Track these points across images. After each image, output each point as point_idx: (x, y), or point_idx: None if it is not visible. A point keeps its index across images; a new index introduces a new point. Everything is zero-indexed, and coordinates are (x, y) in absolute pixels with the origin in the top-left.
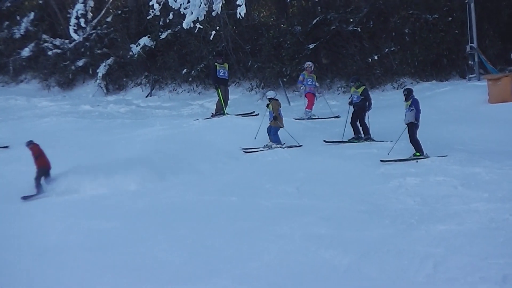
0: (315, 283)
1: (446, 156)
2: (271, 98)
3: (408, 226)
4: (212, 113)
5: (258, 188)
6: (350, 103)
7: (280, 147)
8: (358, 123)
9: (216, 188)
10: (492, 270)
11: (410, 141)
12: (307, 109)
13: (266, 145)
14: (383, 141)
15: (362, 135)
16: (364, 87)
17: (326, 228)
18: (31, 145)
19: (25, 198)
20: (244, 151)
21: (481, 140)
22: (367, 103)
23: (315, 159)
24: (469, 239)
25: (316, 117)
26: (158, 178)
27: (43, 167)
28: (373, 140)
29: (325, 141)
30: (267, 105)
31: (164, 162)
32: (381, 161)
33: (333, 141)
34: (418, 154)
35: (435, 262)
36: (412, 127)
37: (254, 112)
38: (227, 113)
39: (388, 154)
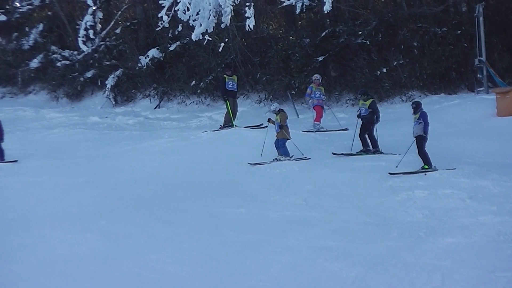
0: None
1: (455, 169)
2: (279, 109)
3: (416, 238)
4: (221, 125)
5: (266, 200)
6: (358, 116)
7: (289, 159)
8: (366, 135)
9: (223, 199)
10: (499, 283)
11: (419, 154)
12: (315, 122)
13: (275, 158)
14: (391, 153)
15: (371, 148)
16: (372, 99)
17: (333, 241)
18: None
19: None
20: (252, 165)
21: (489, 153)
22: (375, 116)
23: (323, 172)
24: (477, 252)
25: (325, 129)
26: (167, 189)
27: None
28: (382, 153)
29: (333, 153)
30: (269, 120)
31: (171, 175)
32: (390, 173)
33: (342, 154)
34: (426, 167)
35: (443, 275)
36: (420, 140)
37: (262, 124)
38: (235, 125)
39: (397, 166)
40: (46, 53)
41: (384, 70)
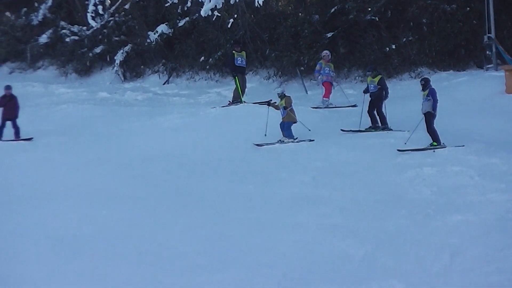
0: (331, 273)
1: (463, 146)
2: (283, 94)
3: (425, 216)
4: (229, 101)
5: (274, 177)
6: (364, 91)
7: (293, 141)
8: (375, 112)
9: (232, 176)
10: (508, 261)
11: (427, 131)
12: (324, 98)
13: (280, 140)
14: (400, 130)
15: (380, 124)
16: (380, 76)
17: (342, 218)
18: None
19: None
20: (257, 146)
21: (498, 130)
22: (384, 92)
23: (332, 149)
24: (486, 229)
25: (333, 106)
26: (176, 166)
27: None
28: (391, 130)
29: (342, 130)
30: (268, 104)
31: (180, 152)
32: (398, 150)
33: (350, 130)
34: (435, 144)
35: (452, 253)
36: (429, 117)
37: (271, 100)
38: (244, 101)
39: (405, 143)
40: (55, 29)
41: (393, 47)
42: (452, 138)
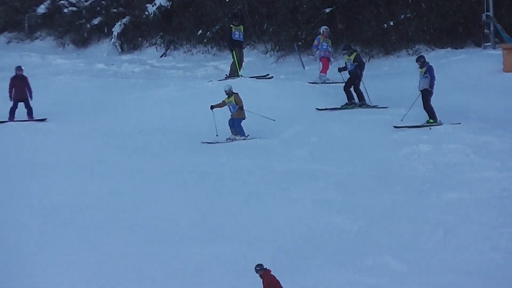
0: (325, 247)
1: (460, 123)
2: (231, 91)
3: (420, 193)
4: (226, 75)
5: (270, 151)
6: (339, 69)
7: (244, 138)
8: (351, 89)
9: (228, 150)
10: (502, 239)
11: (424, 108)
12: (321, 73)
13: (229, 138)
14: (376, 106)
15: (356, 101)
16: (356, 53)
17: (337, 194)
18: None
19: None
20: (207, 144)
21: (495, 108)
22: (359, 69)
23: (328, 124)
24: (480, 207)
25: (330, 81)
26: (172, 139)
27: None
28: (368, 106)
29: (317, 108)
30: (228, 97)
31: (176, 125)
32: (395, 127)
33: (326, 109)
34: (431, 121)
35: (446, 230)
36: (426, 94)
37: (268, 74)
38: (241, 75)
39: (402, 120)
40: None
41: (391, 24)
42: (449, 116)
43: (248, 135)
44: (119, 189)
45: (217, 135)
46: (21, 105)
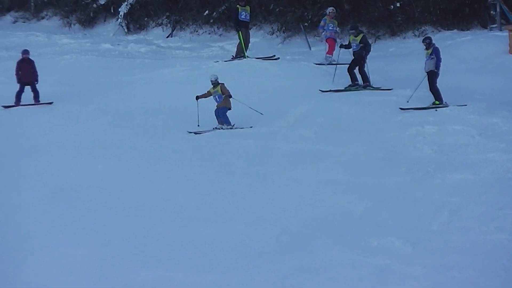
0: (330, 228)
1: (465, 105)
2: (217, 81)
3: (425, 174)
4: (233, 56)
5: (276, 131)
6: (341, 46)
7: (231, 128)
8: (355, 70)
9: (233, 130)
10: (507, 220)
11: (430, 90)
12: (327, 55)
13: (215, 127)
14: (379, 88)
15: (360, 83)
16: (362, 34)
17: (342, 174)
18: None
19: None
20: (194, 134)
21: (500, 90)
22: (365, 51)
23: (334, 105)
24: (485, 189)
25: (336, 62)
26: (177, 119)
27: None
28: (373, 88)
29: (321, 90)
30: (214, 87)
31: (183, 105)
32: (400, 108)
33: (330, 90)
34: (437, 102)
35: (451, 211)
36: (432, 76)
37: (274, 56)
38: (247, 56)
39: (408, 101)
40: None
41: (398, 5)
42: (454, 97)
43: (234, 124)
44: (124, 169)
45: (198, 125)
46: (27, 88)
